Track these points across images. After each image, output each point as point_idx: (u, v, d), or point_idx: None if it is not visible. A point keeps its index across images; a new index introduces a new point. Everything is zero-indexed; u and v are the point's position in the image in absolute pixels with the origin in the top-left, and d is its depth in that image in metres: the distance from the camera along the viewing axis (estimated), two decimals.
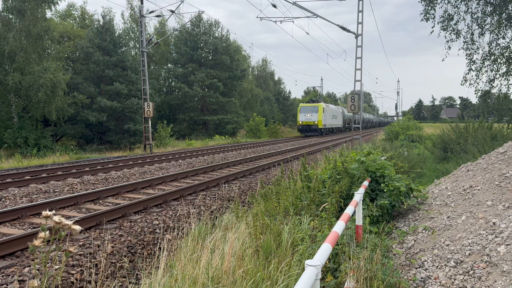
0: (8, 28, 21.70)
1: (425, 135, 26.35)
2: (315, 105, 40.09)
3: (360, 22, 19.47)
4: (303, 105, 41.28)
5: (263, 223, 4.84)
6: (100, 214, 6.29)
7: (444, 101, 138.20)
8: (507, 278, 3.27)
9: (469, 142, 12.93)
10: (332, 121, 44.77)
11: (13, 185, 9.32)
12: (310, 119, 39.23)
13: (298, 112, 40.63)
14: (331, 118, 44.10)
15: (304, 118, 39.71)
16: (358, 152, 7.38)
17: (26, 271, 4.32)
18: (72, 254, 3.61)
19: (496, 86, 16.12)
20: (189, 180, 10.78)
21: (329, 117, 42.72)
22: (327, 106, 42.41)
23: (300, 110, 40.63)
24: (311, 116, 39.29)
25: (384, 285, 3.43)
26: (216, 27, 39.81)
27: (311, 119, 39.22)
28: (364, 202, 5.47)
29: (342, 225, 3.25)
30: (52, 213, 2.06)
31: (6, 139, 21.33)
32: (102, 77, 28.23)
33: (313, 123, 39.03)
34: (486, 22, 15.55)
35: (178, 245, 4.95)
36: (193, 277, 3.51)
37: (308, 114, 39.50)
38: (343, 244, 3.93)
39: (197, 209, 7.45)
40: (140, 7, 22.82)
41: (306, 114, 39.57)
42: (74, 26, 33.04)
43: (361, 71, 19.78)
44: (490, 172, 6.01)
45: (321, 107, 39.37)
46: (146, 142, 22.09)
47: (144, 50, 21.78)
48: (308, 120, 39.32)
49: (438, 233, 4.68)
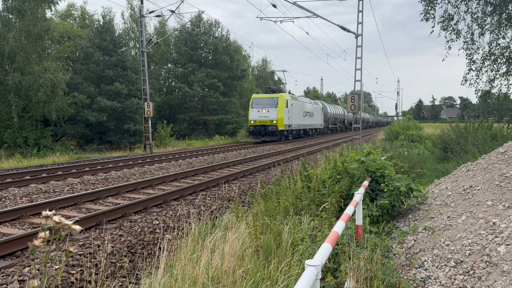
0: (8, 28, 21.71)
1: (425, 135, 26.37)
2: (273, 96, 27.92)
3: (360, 22, 19.47)
4: (257, 96, 28.79)
5: (263, 223, 4.84)
6: (100, 214, 6.29)
7: (444, 101, 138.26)
8: (507, 278, 3.27)
9: (469, 142, 12.93)
10: (305, 120, 33.02)
11: (13, 185, 9.32)
12: (266, 117, 27.16)
13: (249, 107, 28.35)
14: (303, 116, 32.28)
15: (256, 116, 27.52)
16: (358, 152, 7.38)
17: (26, 271, 4.32)
18: (72, 254, 3.61)
19: (496, 86, 16.13)
20: (189, 180, 10.77)
21: (298, 114, 30.94)
22: (295, 99, 30.66)
23: (252, 104, 28.22)
24: (267, 112, 27.21)
25: (384, 285, 3.43)
26: (216, 27, 39.83)
27: (267, 116, 27.14)
28: (364, 202, 5.47)
29: (342, 225, 3.25)
30: (52, 213, 2.06)
31: (6, 139, 21.33)
32: (102, 77, 28.23)
33: (270, 122, 27.02)
34: (486, 22, 15.56)
35: (178, 245, 4.95)
36: (193, 277, 3.51)
37: (263, 110, 27.33)
38: (343, 244, 3.93)
39: (197, 209, 7.45)
40: (140, 7, 22.83)
41: (260, 109, 27.50)
42: (74, 26, 33.06)
43: (361, 71, 19.78)
44: (490, 172, 6.01)
45: (282, 99, 27.37)
46: (146, 142, 22.10)
47: (144, 50, 21.78)
48: (263, 118, 27.22)
49: (438, 233, 4.68)
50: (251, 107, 28.14)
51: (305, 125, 33.18)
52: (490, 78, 15.86)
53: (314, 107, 36.47)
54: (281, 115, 27.03)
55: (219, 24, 40.03)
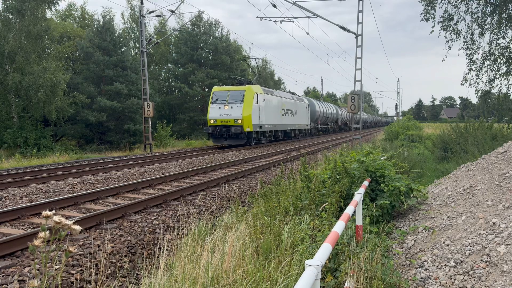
0: (8, 28, 21.71)
1: (425, 135, 26.37)
2: (238, 88, 22.52)
3: (360, 22, 19.47)
4: (218, 89, 23.32)
5: (263, 223, 4.84)
6: (100, 214, 6.29)
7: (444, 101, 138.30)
8: (507, 278, 3.27)
9: (469, 142, 12.93)
10: (285, 119, 27.42)
11: (13, 185, 9.32)
12: (229, 115, 21.85)
13: (209, 103, 22.82)
14: (281, 115, 26.74)
15: (217, 114, 22.17)
16: (358, 152, 7.38)
17: (26, 271, 4.32)
18: (72, 254, 3.61)
19: (496, 86, 16.14)
20: (189, 180, 10.77)
21: (274, 112, 25.34)
22: (269, 93, 24.83)
23: (212, 98, 22.83)
24: (230, 109, 21.90)
25: (384, 285, 3.43)
26: (216, 27, 39.83)
27: (230, 114, 21.84)
28: (364, 202, 5.47)
29: (342, 225, 3.25)
30: (52, 213, 2.06)
31: (6, 139, 21.33)
32: (102, 77, 28.23)
33: (234, 122, 21.62)
34: (486, 22, 15.57)
35: (178, 245, 4.95)
36: (193, 277, 3.51)
37: (225, 106, 22.06)
38: (343, 244, 3.93)
39: (197, 209, 7.45)
40: (140, 7, 22.83)
41: (222, 105, 22.18)
42: (74, 26, 33.07)
43: (361, 71, 19.78)
44: (490, 172, 6.01)
45: (250, 92, 21.99)
46: (146, 142, 22.09)
47: (144, 50, 21.78)
48: (226, 116, 21.93)
49: (438, 233, 4.68)
50: (210, 102, 22.55)
51: (284, 125, 27.36)
52: (490, 78, 15.87)
53: (298, 104, 30.91)
54: (248, 112, 21.50)
55: (219, 24, 40.04)
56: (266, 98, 23.99)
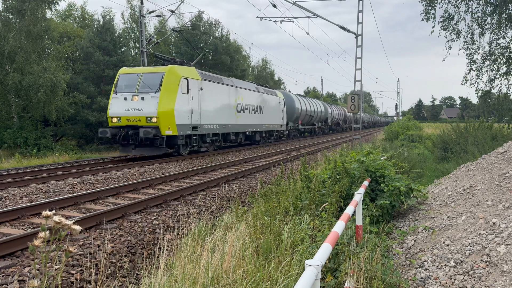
0: (8, 28, 21.71)
1: (425, 135, 26.38)
2: (155, 70, 15.27)
3: (360, 22, 19.48)
4: (126, 71, 15.73)
5: (263, 223, 4.84)
6: (100, 214, 6.29)
7: (444, 101, 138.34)
8: (507, 278, 3.27)
9: (469, 142, 12.94)
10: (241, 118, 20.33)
11: (13, 185, 9.32)
12: (139, 111, 14.47)
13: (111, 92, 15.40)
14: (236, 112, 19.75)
15: (121, 109, 14.72)
16: (358, 152, 7.39)
17: (26, 271, 4.32)
18: (72, 254, 3.61)
19: (496, 86, 16.16)
20: (189, 180, 10.78)
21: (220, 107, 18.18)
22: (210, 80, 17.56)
23: (116, 84, 15.46)
24: (141, 102, 14.52)
25: (384, 285, 3.43)
26: (216, 27, 39.84)
27: (141, 110, 14.45)
28: (364, 202, 5.47)
29: (342, 225, 3.25)
30: (52, 213, 2.06)
31: (6, 139, 21.32)
32: (102, 77, 28.22)
33: (146, 121, 14.34)
34: (486, 22, 15.58)
35: (178, 245, 4.95)
36: (193, 277, 3.51)
37: (134, 97, 14.63)
38: (343, 244, 3.93)
39: (197, 209, 7.45)
40: (140, 7, 22.85)
41: (130, 96, 14.71)
42: (74, 26, 33.06)
43: (361, 71, 19.79)
44: (490, 172, 6.01)
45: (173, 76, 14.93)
46: None
47: (144, 50, 21.78)
48: (134, 113, 14.53)
49: (438, 233, 4.68)
50: (113, 91, 15.06)
51: (242, 126, 20.40)
52: (490, 78, 15.88)
53: (266, 98, 23.85)
54: (168, 106, 14.20)
55: (219, 24, 40.05)
56: (207, 87, 16.79)
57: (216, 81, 18.14)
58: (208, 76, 17.82)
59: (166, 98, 14.43)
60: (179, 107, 14.84)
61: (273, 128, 25.23)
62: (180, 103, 14.94)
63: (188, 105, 15.47)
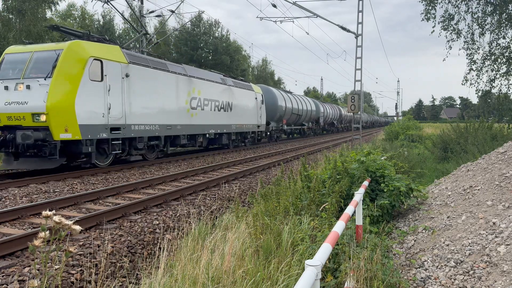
0: (8, 28, 21.72)
1: (425, 135, 26.37)
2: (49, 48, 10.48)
3: (360, 22, 19.49)
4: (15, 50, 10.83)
5: (263, 223, 4.84)
6: (100, 214, 6.29)
7: (444, 101, 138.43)
8: (507, 278, 3.27)
9: (469, 142, 12.95)
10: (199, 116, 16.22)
11: (13, 185, 9.31)
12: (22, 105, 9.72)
13: None
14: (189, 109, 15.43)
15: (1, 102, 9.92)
16: (358, 152, 7.39)
17: (26, 271, 4.32)
18: (72, 254, 3.61)
19: (497, 86, 16.16)
20: (189, 180, 10.78)
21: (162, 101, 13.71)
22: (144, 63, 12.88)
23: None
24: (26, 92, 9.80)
25: (384, 285, 3.43)
26: (216, 27, 39.87)
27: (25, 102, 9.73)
28: (364, 202, 5.47)
29: (342, 225, 3.25)
30: (52, 213, 2.06)
31: None
32: None
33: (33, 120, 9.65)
34: (487, 22, 15.60)
35: (178, 245, 4.96)
36: (193, 277, 3.51)
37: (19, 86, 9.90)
38: (343, 244, 3.93)
39: (197, 209, 7.45)
40: (140, 7, 22.85)
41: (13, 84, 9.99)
42: (74, 26, 33.07)
43: (361, 71, 19.80)
44: (490, 172, 6.01)
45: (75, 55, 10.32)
46: None
47: (144, 50, 21.79)
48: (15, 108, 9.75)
49: (438, 233, 4.68)
50: None
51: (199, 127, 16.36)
52: (490, 78, 15.89)
53: (236, 92, 19.74)
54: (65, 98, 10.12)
55: (219, 24, 40.08)
56: (137, 73, 12.45)
57: (154, 67, 13.39)
58: (140, 58, 13.05)
59: (61, 87, 10.03)
60: (84, 100, 10.44)
61: (247, 129, 21.04)
62: (87, 93, 10.54)
63: (102, 97, 11.03)
